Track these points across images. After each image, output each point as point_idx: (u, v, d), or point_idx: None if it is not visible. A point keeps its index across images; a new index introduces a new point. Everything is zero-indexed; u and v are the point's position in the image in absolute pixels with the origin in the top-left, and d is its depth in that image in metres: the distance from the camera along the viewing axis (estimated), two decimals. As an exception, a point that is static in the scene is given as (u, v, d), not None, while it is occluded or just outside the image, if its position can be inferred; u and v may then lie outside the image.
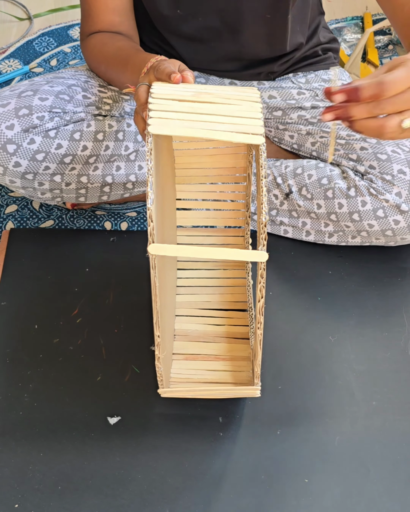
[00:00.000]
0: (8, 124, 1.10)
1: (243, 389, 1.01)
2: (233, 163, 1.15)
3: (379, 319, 1.19)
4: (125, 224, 1.34)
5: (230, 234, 1.21)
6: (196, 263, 1.20)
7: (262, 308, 0.87)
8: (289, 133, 1.31)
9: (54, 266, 1.25)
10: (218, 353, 1.08)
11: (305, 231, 1.27)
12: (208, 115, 0.83)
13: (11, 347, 1.14)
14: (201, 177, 1.16)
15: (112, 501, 0.97)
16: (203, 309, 1.16)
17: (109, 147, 1.19)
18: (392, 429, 1.05)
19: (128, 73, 1.05)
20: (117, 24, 1.18)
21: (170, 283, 1.10)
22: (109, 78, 1.17)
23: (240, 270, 1.20)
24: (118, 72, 1.11)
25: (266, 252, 0.82)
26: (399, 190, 1.16)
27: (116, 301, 1.20)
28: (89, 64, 1.22)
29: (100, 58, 1.17)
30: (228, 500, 0.98)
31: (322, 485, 0.99)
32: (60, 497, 0.97)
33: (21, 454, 1.01)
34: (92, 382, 1.09)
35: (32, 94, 1.13)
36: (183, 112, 0.83)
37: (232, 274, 1.20)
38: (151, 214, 0.80)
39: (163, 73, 0.92)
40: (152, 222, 0.80)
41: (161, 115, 0.82)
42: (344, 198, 1.19)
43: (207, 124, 0.81)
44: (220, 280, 1.19)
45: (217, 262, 1.20)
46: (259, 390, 0.99)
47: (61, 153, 1.14)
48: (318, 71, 1.32)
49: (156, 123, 0.81)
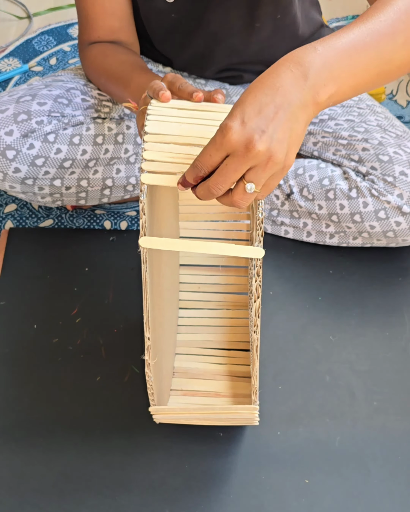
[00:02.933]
0: (7, 130, 1.10)
1: (239, 408, 0.95)
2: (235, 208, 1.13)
3: (380, 318, 1.19)
4: (125, 223, 1.33)
5: (233, 274, 1.19)
6: (199, 303, 1.17)
7: (258, 310, 0.83)
8: None
9: (54, 266, 1.25)
10: (218, 390, 1.05)
11: (306, 231, 1.27)
12: None
13: (10, 347, 1.13)
14: (204, 214, 1.14)
15: (111, 502, 0.97)
16: (205, 348, 1.12)
17: (109, 150, 1.18)
18: (393, 430, 1.05)
19: (131, 91, 1.03)
20: (117, 29, 1.16)
21: (171, 303, 1.08)
22: (109, 91, 1.15)
23: (242, 310, 1.16)
24: (119, 89, 1.09)
25: (262, 249, 0.79)
26: (400, 191, 1.16)
27: (116, 300, 1.20)
28: (88, 74, 1.20)
29: (101, 70, 1.15)
30: (228, 501, 0.98)
31: (323, 485, 0.99)
32: (60, 498, 0.97)
33: (21, 454, 1.01)
34: (92, 382, 1.09)
35: (31, 99, 1.12)
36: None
37: (235, 314, 1.16)
38: (143, 208, 0.78)
39: (154, 92, 0.88)
40: (145, 215, 0.78)
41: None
42: (346, 199, 1.19)
43: None
44: (222, 320, 1.15)
45: (219, 302, 1.17)
46: (257, 412, 0.94)
47: (60, 157, 1.13)
48: None
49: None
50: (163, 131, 0.81)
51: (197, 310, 1.16)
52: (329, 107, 0.77)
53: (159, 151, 0.79)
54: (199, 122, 0.84)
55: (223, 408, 0.98)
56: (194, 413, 0.96)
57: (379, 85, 0.81)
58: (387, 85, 1.60)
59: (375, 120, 1.25)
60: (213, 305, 1.17)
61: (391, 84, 1.61)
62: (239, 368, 1.09)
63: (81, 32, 1.19)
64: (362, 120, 1.25)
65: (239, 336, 1.13)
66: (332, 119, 1.26)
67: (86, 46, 1.18)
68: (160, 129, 0.82)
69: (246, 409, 0.95)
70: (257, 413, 0.95)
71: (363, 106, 1.28)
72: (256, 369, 0.89)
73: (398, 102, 1.57)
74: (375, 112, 1.27)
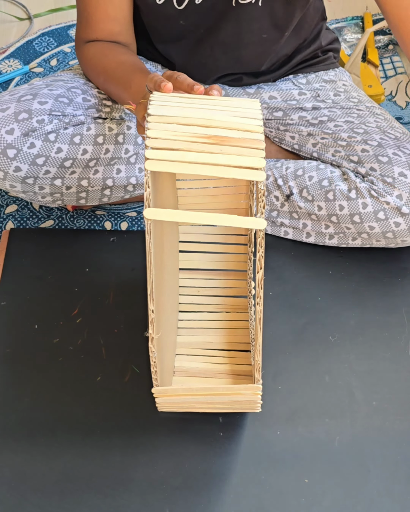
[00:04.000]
0: (8, 129, 1.10)
1: (242, 388, 0.96)
2: (235, 204, 1.13)
3: (380, 319, 1.19)
4: (126, 224, 1.34)
5: (232, 278, 1.19)
6: (199, 306, 1.16)
7: (261, 281, 0.84)
8: (290, 134, 1.31)
9: (54, 266, 1.25)
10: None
11: (305, 232, 1.27)
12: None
13: (11, 347, 1.14)
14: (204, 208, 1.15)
15: (112, 501, 0.97)
16: (205, 349, 1.12)
17: (110, 150, 1.18)
18: (392, 429, 1.05)
19: (132, 92, 1.03)
20: (116, 33, 1.17)
21: (171, 288, 1.09)
22: (107, 90, 1.16)
23: (242, 313, 1.16)
24: (118, 89, 1.10)
25: (264, 220, 0.79)
26: (400, 192, 1.16)
27: (116, 301, 1.20)
28: (86, 72, 1.20)
29: (100, 69, 1.15)
30: (228, 501, 0.98)
31: (322, 485, 0.99)
32: (60, 497, 0.97)
33: (21, 454, 1.01)
34: (92, 382, 1.09)
35: (32, 98, 1.12)
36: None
37: (234, 316, 1.16)
38: (147, 180, 0.78)
39: (155, 84, 0.90)
40: (149, 188, 0.79)
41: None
42: (345, 200, 1.19)
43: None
44: (221, 323, 1.15)
45: (219, 304, 1.16)
46: (260, 393, 0.94)
47: (61, 157, 1.14)
48: (318, 72, 1.32)
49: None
50: (166, 113, 0.83)
51: (197, 313, 1.16)
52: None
53: (163, 129, 0.81)
54: (201, 106, 0.85)
55: (226, 388, 0.97)
56: (197, 394, 0.95)
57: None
58: (386, 86, 1.61)
59: (374, 121, 1.25)
60: (213, 308, 1.16)
61: (390, 85, 1.62)
62: (239, 367, 1.09)
63: (80, 30, 1.19)
64: (362, 121, 1.25)
65: (239, 337, 1.13)
66: (331, 120, 1.27)
67: (83, 44, 1.19)
68: (163, 112, 0.83)
69: (249, 389, 0.94)
70: (260, 395, 0.95)
71: (362, 107, 1.28)
72: (259, 343, 0.88)
73: (397, 103, 1.58)
74: (374, 114, 1.27)
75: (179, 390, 0.98)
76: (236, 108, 0.87)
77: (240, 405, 1.01)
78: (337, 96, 1.29)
